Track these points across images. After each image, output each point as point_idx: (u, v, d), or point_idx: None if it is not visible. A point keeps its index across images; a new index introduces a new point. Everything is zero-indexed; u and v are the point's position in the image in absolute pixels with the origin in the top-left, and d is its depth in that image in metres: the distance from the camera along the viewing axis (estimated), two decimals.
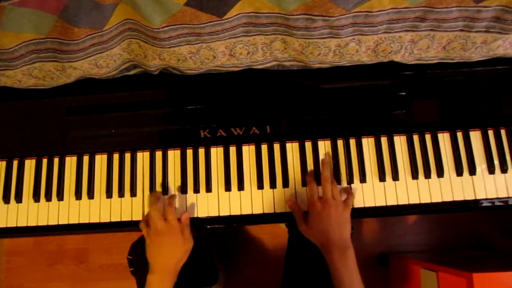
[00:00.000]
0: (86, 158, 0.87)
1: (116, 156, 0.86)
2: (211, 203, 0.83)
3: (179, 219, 0.77)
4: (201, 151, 0.85)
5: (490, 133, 0.83)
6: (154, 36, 0.64)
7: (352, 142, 0.84)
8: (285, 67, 0.80)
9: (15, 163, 0.88)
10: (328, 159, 0.84)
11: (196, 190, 0.84)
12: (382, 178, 0.82)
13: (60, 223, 0.84)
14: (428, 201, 0.81)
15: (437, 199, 0.81)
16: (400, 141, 0.84)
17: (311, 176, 0.82)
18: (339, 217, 0.76)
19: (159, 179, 0.85)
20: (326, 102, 0.83)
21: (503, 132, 0.83)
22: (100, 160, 0.87)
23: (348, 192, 0.81)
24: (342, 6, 0.59)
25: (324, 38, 0.66)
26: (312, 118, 0.84)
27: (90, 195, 0.85)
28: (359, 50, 0.71)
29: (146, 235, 0.76)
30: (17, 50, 0.64)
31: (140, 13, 0.60)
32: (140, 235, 0.91)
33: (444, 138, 0.84)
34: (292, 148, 0.85)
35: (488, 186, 0.81)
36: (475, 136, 0.83)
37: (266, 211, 0.83)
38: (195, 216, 0.83)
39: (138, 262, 0.86)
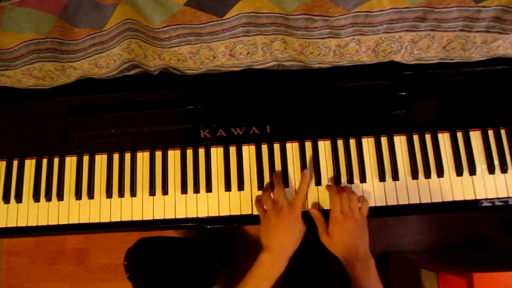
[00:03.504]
0: (86, 158, 0.87)
1: (116, 156, 0.86)
2: (211, 203, 0.83)
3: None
4: (201, 151, 0.85)
5: (490, 133, 0.83)
6: (154, 36, 0.64)
7: (352, 142, 0.84)
8: (285, 67, 0.80)
9: (15, 163, 0.88)
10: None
11: (196, 190, 0.84)
12: (382, 178, 0.82)
13: (60, 223, 0.84)
14: (428, 201, 0.81)
15: (437, 199, 0.81)
16: (400, 141, 0.84)
17: (333, 189, 0.79)
18: (359, 229, 0.77)
19: (159, 179, 0.85)
20: (326, 102, 0.83)
21: (503, 132, 0.83)
22: (100, 160, 0.86)
23: (363, 199, 0.80)
24: (342, 6, 0.59)
25: (324, 38, 0.66)
26: (312, 118, 0.84)
27: (90, 195, 0.85)
28: (359, 50, 0.71)
29: (265, 214, 0.77)
30: (17, 50, 0.64)
31: (140, 13, 0.60)
32: (136, 239, 0.90)
33: (444, 138, 0.84)
34: (292, 148, 0.85)
35: (488, 186, 0.81)
36: (475, 136, 0.83)
37: None
38: (196, 216, 0.83)
39: (134, 268, 0.85)
